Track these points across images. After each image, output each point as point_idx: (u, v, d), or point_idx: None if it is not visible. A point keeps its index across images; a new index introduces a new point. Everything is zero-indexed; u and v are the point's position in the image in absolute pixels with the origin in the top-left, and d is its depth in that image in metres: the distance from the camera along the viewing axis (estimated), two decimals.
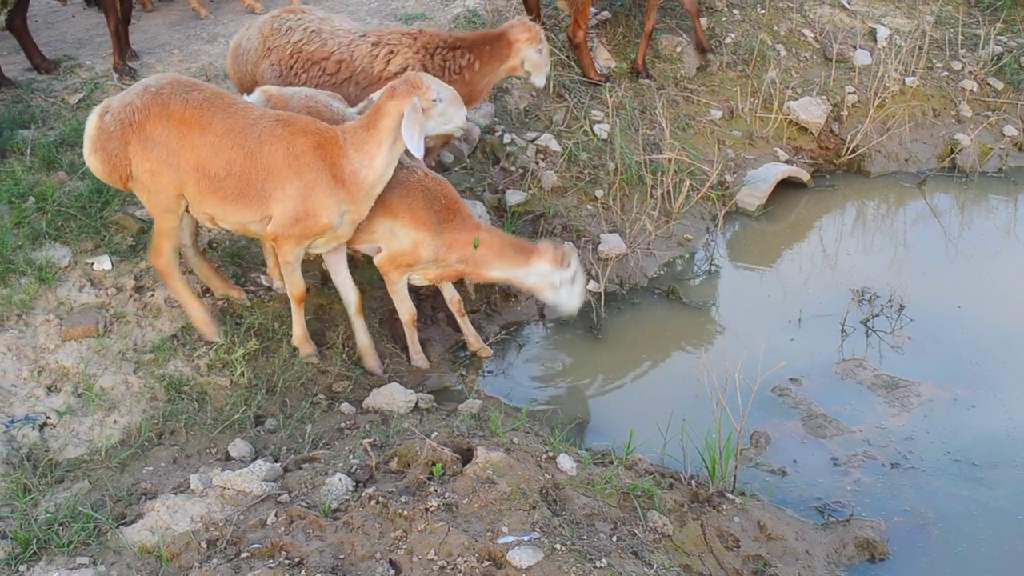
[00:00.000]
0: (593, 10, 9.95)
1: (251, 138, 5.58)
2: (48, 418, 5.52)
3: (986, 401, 6.52)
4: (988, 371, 6.81)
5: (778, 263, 8.37)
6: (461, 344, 6.95)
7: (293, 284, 6.06)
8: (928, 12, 11.36)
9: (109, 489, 4.98)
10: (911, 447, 6.11)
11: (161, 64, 8.63)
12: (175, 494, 4.84)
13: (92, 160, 5.72)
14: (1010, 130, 10.16)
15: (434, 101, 5.66)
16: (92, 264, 6.35)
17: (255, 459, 5.19)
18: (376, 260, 6.33)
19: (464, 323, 6.78)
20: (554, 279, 6.23)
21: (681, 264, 8.17)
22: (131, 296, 6.30)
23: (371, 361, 6.42)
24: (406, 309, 6.49)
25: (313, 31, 6.81)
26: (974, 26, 11.15)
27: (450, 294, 6.69)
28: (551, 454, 5.12)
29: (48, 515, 4.73)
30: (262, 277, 6.63)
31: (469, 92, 6.83)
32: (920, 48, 10.35)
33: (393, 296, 6.47)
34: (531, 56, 7.01)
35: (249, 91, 6.50)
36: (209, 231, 6.83)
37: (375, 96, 5.79)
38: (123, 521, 4.70)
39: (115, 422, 5.60)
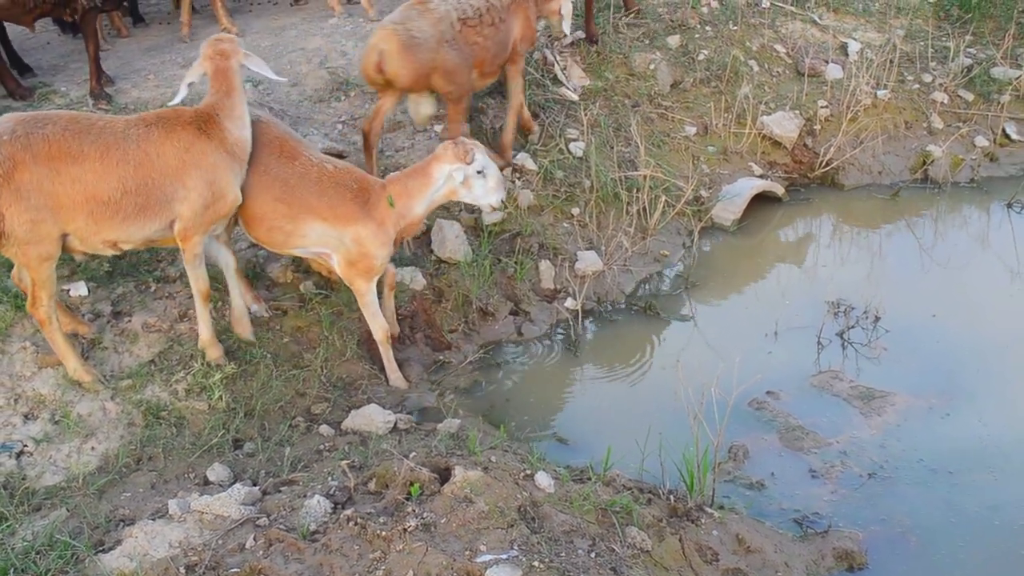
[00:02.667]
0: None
1: (132, 149, 5.43)
2: (25, 446, 5.51)
3: (961, 409, 6.57)
4: (963, 380, 6.86)
5: (754, 277, 8.41)
6: (440, 363, 6.97)
7: (199, 279, 5.93)
8: (898, 26, 11.48)
9: (87, 516, 4.97)
10: (888, 457, 6.15)
11: (136, 89, 8.63)
12: (153, 520, 4.83)
13: None
14: (981, 141, 10.26)
15: (479, 173, 6.12)
16: (68, 291, 6.35)
17: (234, 483, 5.19)
18: (338, 273, 6.30)
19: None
20: (460, 176, 6.15)
21: (658, 280, 8.22)
22: (108, 322, 6.30)
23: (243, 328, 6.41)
24: (379, 326, 6.45)
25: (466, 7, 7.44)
26: (944, 39, 11.27)
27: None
28: (529, 472, 5.14)
29: (25, 543, 4.72)
30: None
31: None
32: (891, 62, 10.46)
33: (364, 311, 6.41)
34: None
35: (426, 81, 7.24)
36: None
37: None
38: (101, 548, 4.69)
39: (92, 448, 5.58)
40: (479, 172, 6.16)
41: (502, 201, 6.41)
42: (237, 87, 5.78)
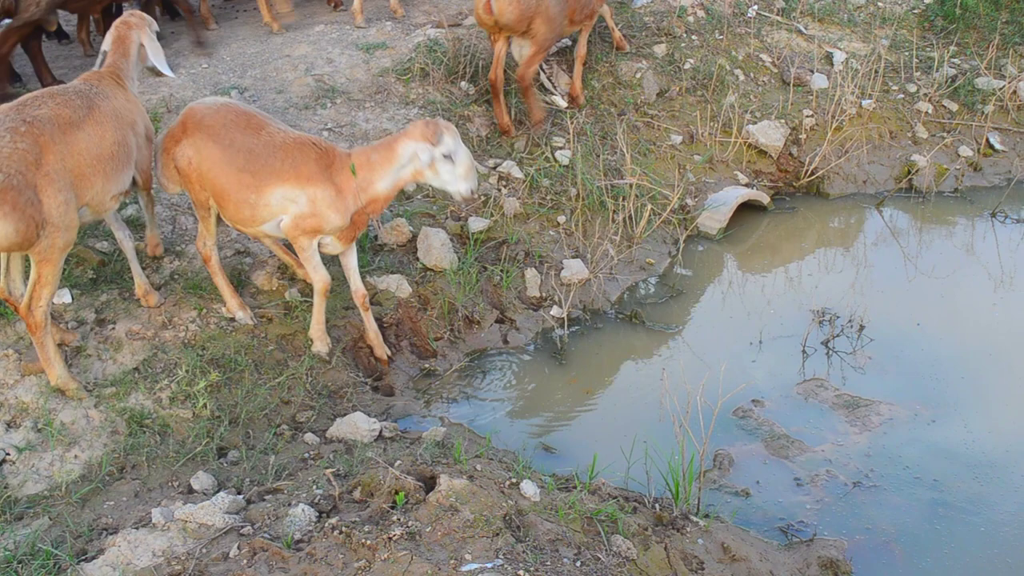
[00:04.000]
0: None
1: (105, 105, 5.88)
2: (7, 454, 5.47)
3: (946, 417, 6.60)
4: (947, 387, 6.89)
5: (739, 286, 8.43)
6: (426, 371, 6.96)
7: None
8: (883, 36, 11.54)
9: (69, 525, 4.94)
10: (873, 465, 6.16)
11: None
12: (136, 528, 4.80)
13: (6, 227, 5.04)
14: (965, 151, 10.32)
15: (446, 157, 6.00)
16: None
17: (218, 491, 5.17)
18: (282, 227, 6.18)
19: (368, 318, 6.73)
20: (426, 158, 6.01)
21: (644, 288, 8.22)
22: (92, 329, 6.27)
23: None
24: (320, 277, 6.42)
25: None
26: (928, 49, 11.34)
27: (356, 286, 6.64)
28: (514, 480, 5.13)
29: (7, 553, 4.68)
30: (223, 309, 6.60)
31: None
32: (876, 71, 10.51)
33: (306, 264, 6.38)
34: None
35: (527, 24, 8.35)
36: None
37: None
38: (84, 557, 4.66)
39: (76, 457, 5.55)
40: (446, 156, 6.00)
41: (472, 191, 6.26)
42: (131, 55, 6.41)
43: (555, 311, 7.57)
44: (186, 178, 6.24)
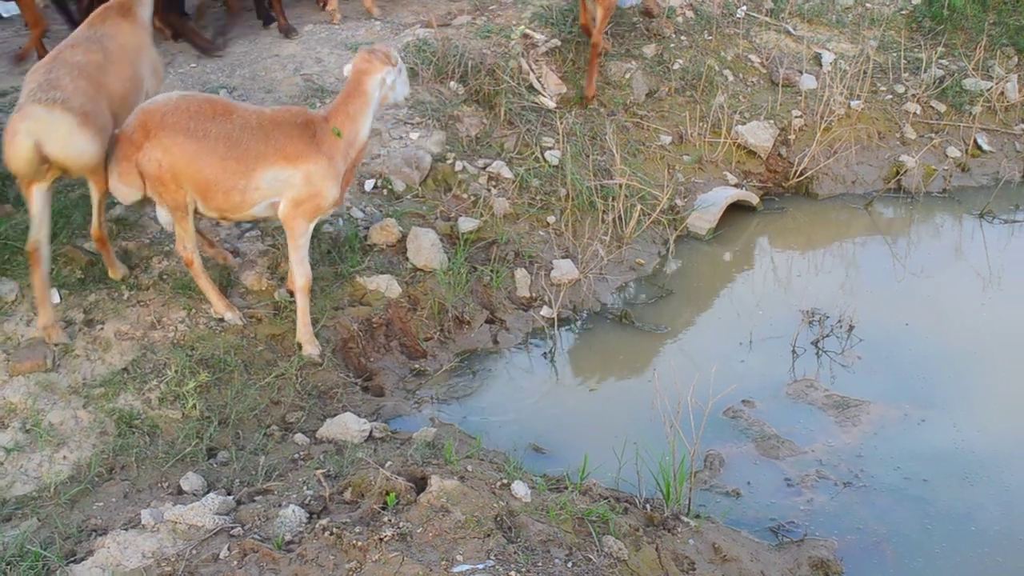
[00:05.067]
0: (542, 36, 10.04)
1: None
2: None
3: (935, 417, 6.62)
4: (936, 387, 6.92)
5: (729, 286, 8.44)
6: (416, 372, 6.95)
7: None
8: (871, 37, 11.56)
9: (58, 526, 4.91)
10: (863, 465, 6.17)
11: None
12: (126, 530, 4.78)
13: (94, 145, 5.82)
14: (953, 151, 10.35)
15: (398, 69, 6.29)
16: None
17: (208, 492, 5.15)
18: (280, 214, 6.11)
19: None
20: (391, 80, 6.21)
21: (633, 288, 8.22)
22: (80, 330, 6.23)
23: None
24: (302, 272, 6.30)
25: None
26: (916, 50, 11.37)
27: None
28: (505, 481, 5.12)
29: None
30: (211, 309, 6.57)
31: None
32: (864, 72, 10.53)
33: (293, 254, 6.23)
34: None
35: None
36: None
37: None
38: (73, 559, 4.64)
39: (64, 458, 5.52)
40: (400, 71, 6.25)
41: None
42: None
43: (545, 311, 7.56)
44: (156, 182, 5.92)
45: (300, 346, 6.52)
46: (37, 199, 5.83)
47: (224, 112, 5.93)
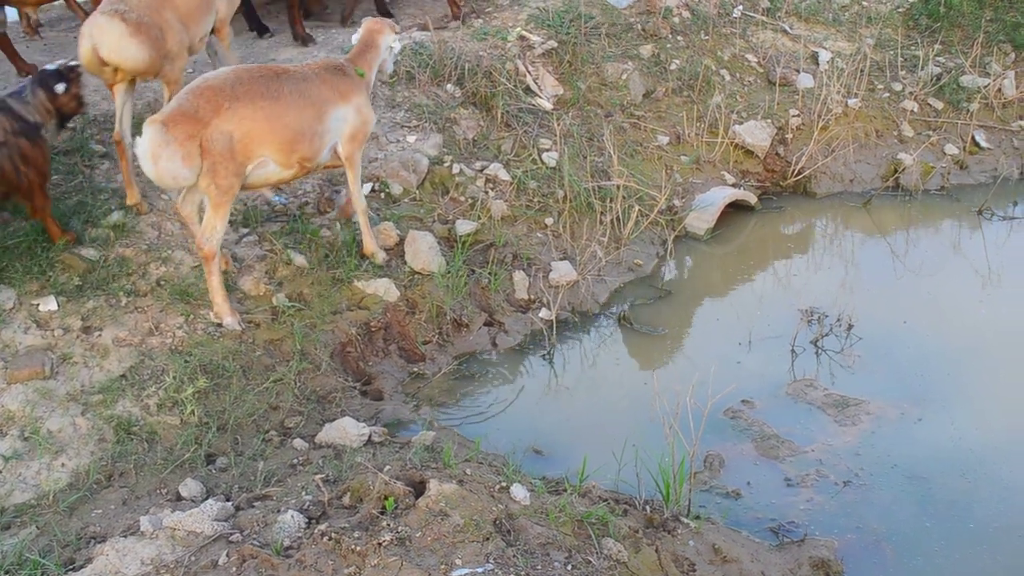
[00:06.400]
0: (538, 38, 10.04)
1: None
2: None
3: (934, 416, 6.61)
4: (935, 385, 6.91)
5: (728, 286, 8.43)
6: (414, 375, 6.94)
7: None
8: (868, 35, 11.56)
9: (57, 534, 4.91)
10: (862, 464, 6.17)
11: (106, 101, 8.56)
12: (125, 537, 4.77)
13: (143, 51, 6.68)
14: (951, 149, 10.35)
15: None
16: (38, 305, 6.28)
17: (206, 498, 5.14)
18: (343, 155, 6.78)
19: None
20: (397, 47, 7.19)
21: (632, 289, 8.21)
22: (78, 337, 6.23)
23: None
24: (362, 198, 7.15)
25: None
26: (913, 48, 11.37)
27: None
28: (504, 484, 5.11)
29: None
30: (211, 314, 6.57)
31: None
32: (861, 70, 10.53)
33: (354, 185, 6.98)
34: None
35: None
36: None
37: None
38: (72, 567, 4.63)
39: (63, 465, 5.52)
40: (398, 39, 7.22)
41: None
42: None
43: (543, 313, 7.56)
44: (222, 157, 6.04)
45: (372, 255, 7.34)
46: (118, 97, 6.93)
47: (281, 71, 6.50)
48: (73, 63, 6.67)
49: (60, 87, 6.47)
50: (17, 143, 6.16)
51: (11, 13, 9.31)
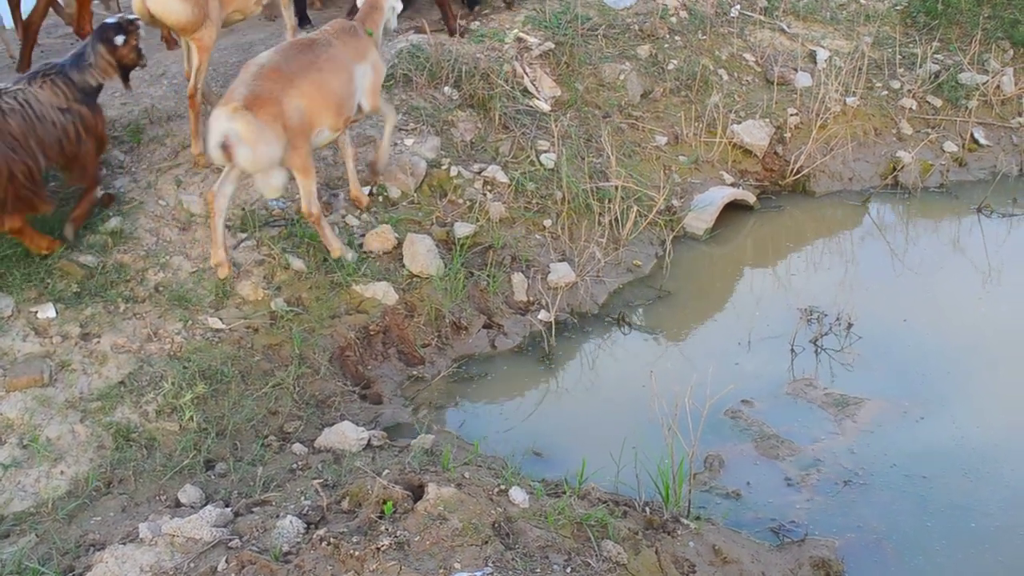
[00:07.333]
0: (535, 40, 10.03)
1: None
2: None
3: (934, 414, 6.59)
4: (935, 383, 6.89)
5: (727, 286, 8.42)
6: (414, 379, 6.94)
7: None
8: (866, 33, 11.55)
9: (56, 542, 4.91)
10: (862, 463, 6.15)
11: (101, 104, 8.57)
12: (124, 544, 4.77)
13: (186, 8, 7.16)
14: (950, 146, 10.34)
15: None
16: (36, 312, 6.28)
17: (206, 504, 5.14)
18: (369, 108, 7.31)
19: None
20: (399, 7, 7.74)
21: (631, 290, 8.20)
22: (76, 344, 6.23)
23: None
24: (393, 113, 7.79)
25: None
26: (911, 46, 11.35)
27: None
28: (503, 487, 5.10)
29: None
30: (210, 319, 6.57)
31: None
32: (859, 69, 10.52)
33: (391, 126, 7.77)
34: None
35: None
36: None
37: None
38: (71, 574, 4.63)
39: (62, 473, 5.52)
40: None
41: None
42: None
43: (542, 315, 7.55)
44: (298, 133, 6.48)
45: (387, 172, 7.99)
46: (185, 50, 7.65)
47: (310, 43, 6.88)
48: (132, 16, 6.92)
49: (119, 39, 6.67)
50: (79, 110, 6.47)
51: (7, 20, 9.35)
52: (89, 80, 6.56)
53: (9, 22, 9.83)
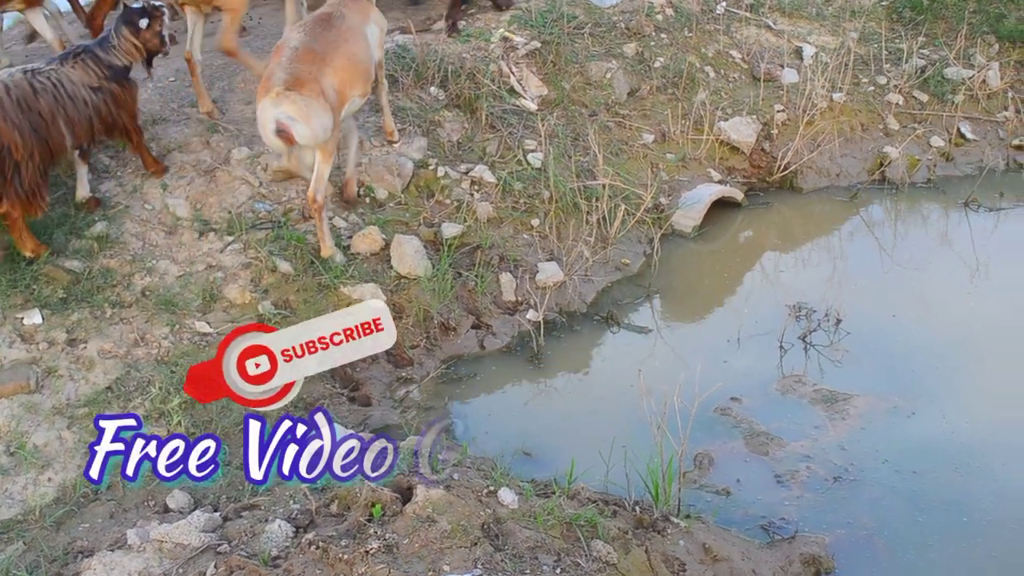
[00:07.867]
0: (522, 39, 10.02)
1: None
2: None
3: (924, 408, 6.61)
4: (924, 378, 6.91)
5: (715, 283, 8.43)
6: (402, 380, 6.92)
7: None
8: (852, 29, 11.55)
9: (44, 549, 4.90)
10: (852, 459, 6.16)
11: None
12: (112, 551, 4.77)
13: None
14: (936, 141, 10.35)
15: None
16: (22, 319, 6.26)
17: (194, 509, 5.12)
18: (376, 60, 7.54)
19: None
20: None
21: (619, 289, 8.19)
22: (63, 349, 6.21)
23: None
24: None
25: None
26: (897, 41, 11.36)
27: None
28: (492, 488, 5.10)
29: None
30: (197, 323, 6.55)
31: None
32: (846, 65, 10.51)
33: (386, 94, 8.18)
34: None
35: None
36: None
37: None
38: None
39: (49, 479, 5.50)
40: None
41: None
42: None
43: (531, 315, 7.54)
44: (335, 109, 6.72)
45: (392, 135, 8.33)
46: (189, 19, 7.87)
47: (326, 16, 7.07)
48: (156, 2, 7.06)
49: (143, 22, 6.89)
50: (110, 88, 6.76)
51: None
52: (115, 61, 6.81)
53: (65, 5, 9.87)
